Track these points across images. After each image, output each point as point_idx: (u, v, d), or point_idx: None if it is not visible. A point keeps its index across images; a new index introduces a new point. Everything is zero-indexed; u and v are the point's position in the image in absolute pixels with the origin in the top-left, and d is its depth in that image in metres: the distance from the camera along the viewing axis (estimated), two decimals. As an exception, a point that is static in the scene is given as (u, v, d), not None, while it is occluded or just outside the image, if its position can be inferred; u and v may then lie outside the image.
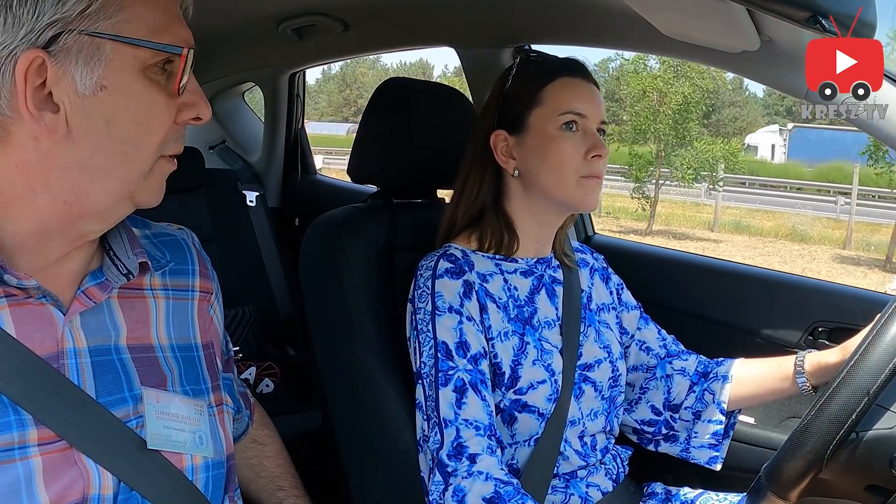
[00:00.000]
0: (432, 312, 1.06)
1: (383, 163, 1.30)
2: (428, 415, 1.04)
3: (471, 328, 1.06)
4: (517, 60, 1.16)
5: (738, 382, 1.18)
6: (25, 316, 0.69)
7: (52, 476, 0.66)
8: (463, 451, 0.99)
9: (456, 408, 1.01)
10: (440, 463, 1.00)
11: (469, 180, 1.15)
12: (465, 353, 1.04)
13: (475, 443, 1.00)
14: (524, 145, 1.12)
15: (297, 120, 2.57)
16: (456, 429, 1.00)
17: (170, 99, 0.69)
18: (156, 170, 0.71)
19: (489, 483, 0.97)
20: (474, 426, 1.01)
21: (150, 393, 0.75)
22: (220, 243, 2.21)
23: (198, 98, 0.72)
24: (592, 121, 1.10)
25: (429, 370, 1.04)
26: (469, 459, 0.99)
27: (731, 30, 0.99)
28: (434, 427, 1.02)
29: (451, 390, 1.02)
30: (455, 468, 0.99)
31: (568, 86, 1.11)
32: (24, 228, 0.68)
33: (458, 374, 1.03)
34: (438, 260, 1.10)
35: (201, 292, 0.86)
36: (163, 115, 0.69)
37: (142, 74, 0.67)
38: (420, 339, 1.07)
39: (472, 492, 0.96)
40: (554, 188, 1.10)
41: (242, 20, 1.93)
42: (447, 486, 0.98)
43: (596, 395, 1.15)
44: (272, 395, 1.99)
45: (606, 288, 1.27)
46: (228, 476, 0.82)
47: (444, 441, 1.00)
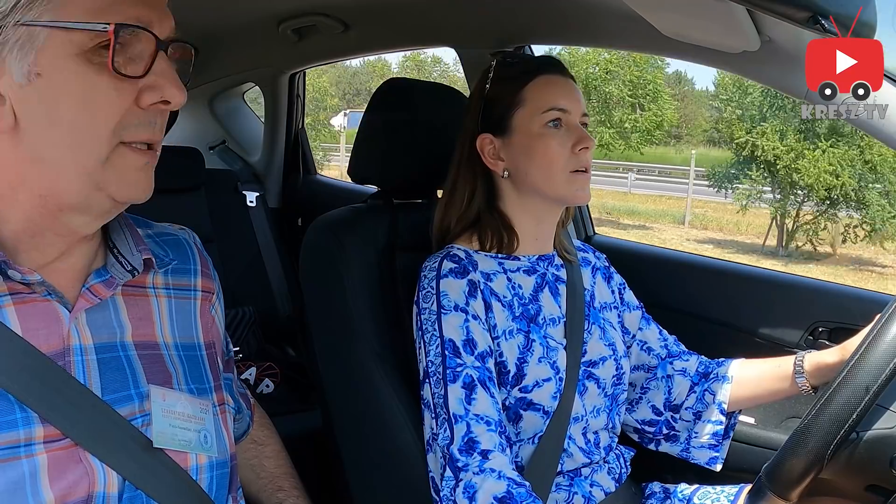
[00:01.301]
0: (438, 312, 1.07)
1: (383, 163, 1.30)
2: (436, 412, 1.03)
3: (477, 326, 1.06)
4: (493, 63, 1.17)
5: (738, 383, 1.18)
6: (31, 313, 0.69)
7: (57, 473, 0.66)
8: (475, 446, 0.99)
9: (466, 403, 1.01)
10: (451, 458, 0.99)
11: (458, 184, 1.16)
12: (472, 351, 1.05)
13: (486, 438, 1.00)
14: (511, 146, 1.13)
15: (298, 120, 2.57)
16: (466, 424, 1.00)
17: (119, 81, 0.65)
18: (116, 158, 0.67)
19: (502, 482, 0.96)
20: (485, 421, 1.01)
21: (157, 391, 0.75)
22: (220, 243, 2.21)
23: (164, 80, 0.67)
24: (575, 115, 1.12)
25: (436, 368, 1.04)
26: (481, 455, 0.99)
27: (731, 30, 0.99)
28: (443, 424, 1.02)
29: (459, 386, 1.02)
30: (466, 463, 0.98)
31: (547, 83, 1.12)
32: (17, 226, 0.68)
33: (466, 371, 1.03)
34: (442, 261, 1.10)
35: (203, 292, 0.86)
36: (109, 98, 0.66)
37: (81, 58, 0.64)
38: (426, 339, 1.07)
39: (484, 489, 0.96)
40: (545, 185, 1.12)
41: (242, 20, 1.93)
42: (458, 482, 0.98)
43: (599, 392, 1.16)
44: (272, 396, 1.99)
45: (608, 287, 1.28)
46: (231, 476, 0.82)
47: (455, 436, 1.00)
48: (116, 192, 0.69)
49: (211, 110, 2.70)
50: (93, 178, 0.67)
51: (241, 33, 2.04)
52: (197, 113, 2.72)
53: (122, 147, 0.67)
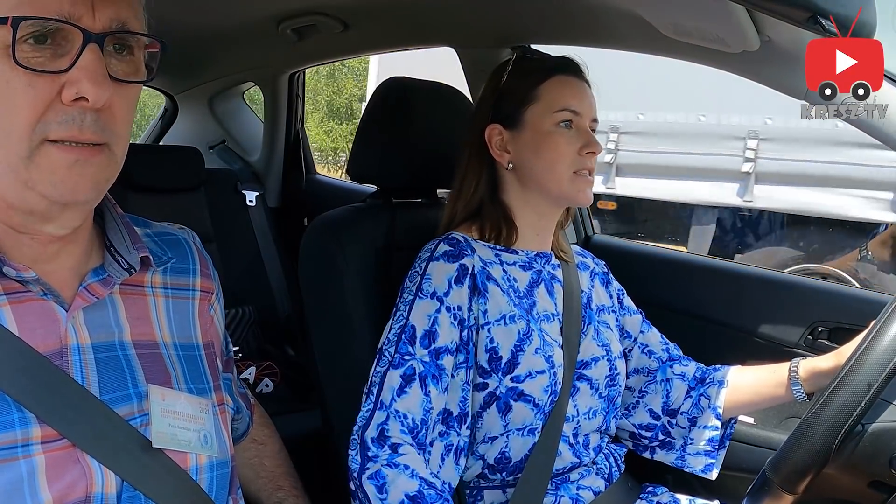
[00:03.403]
0: (415, 294, 1.07)
1: (382, 162, 1.30)
2: (369, 389, 1.03)
3: (445, 319, 1.05)
4: (514, 57, 1.18)
5: (734, 388, 1.18)
6: (27, 312, 0.69)
7: (54, 474, 0.66)
8: (386, 439, 0.99)
9: (396, 394, 1.01)
10: (363, 443, 0.99)
11: (468, 175, 1.17)
12: (429, 344, 1.04)
13: (398, 435, 0.99)
14: (519, 140, 1.14)
15: (297, 120, 2.57)
16: (387, 415, 1.00)
17: (33, 77, 0.64)
18: (40, 157, 0.65)
19: (414, 481, 0.95)
20: (403, 421, 1.00)
21: (157, 390, 0.74)
22: (219, 243, 2.21)
23: (83, 75, 0.64)
24: (585, 118, 1.13)
25: (387, 348, 1.04)
26: (391, 448, 0.98)
27: (731, 30, 0.99)
28: (368, 404, 1.01)
29: (399, 375, 1.02)
30: (376, 454, 0.97)
31: (563, 84, 1.13)
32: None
33: (412, 363, 1.03)
34: (439, 243, 1.11)
35: (202, 292, 0.86)
36: (25, 94, 0.64)
37: (2, 53, 0.63)
38: (395, 318, 1.07)
39: (396, 485, 0.95)
40: (548, 182, 1.13)
41: (242, 20, 1.93)
42: (364, 469, 0.97)
43: (592, 392, 1.15)
44: (272, 395, 1.99)
45: (606, 292, 1.28)
46: (231, 476, 0.82)
47: (371, 422, 1.00)
48: (46, 192, 0.66)
49: (211, 110, 2.70)
50: (20, 176, 0.65)
51: (241, 33, 2.04)
52: (197, 113, 2.72)
53: (46, 145, 0.65)
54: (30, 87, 0.64)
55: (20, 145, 0.64)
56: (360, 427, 1.00)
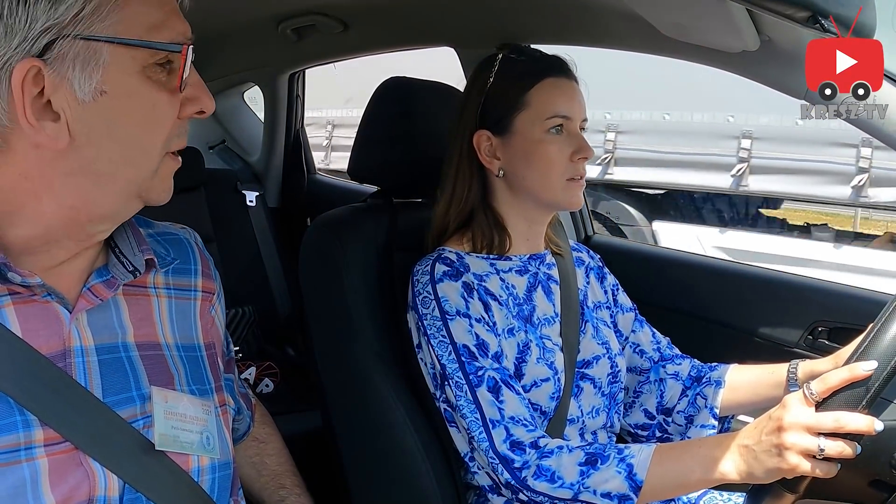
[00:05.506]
0: (443, 317, 1.06)
1: (383, 162, 1.30)
2: (463, 413, 1.02)
3: (482, 329, 1.05)
4: (499, 58, 1.14)
5: (731, 388, 1.18)
6: (30, 314, 0.68)
7: (57, 477, 0.66)
8: (521, 444, 0.99)
9: (498, 406, 1.01)
10: (504, 459, 0.98)
11: (458, 181, 1.15)
12: (486, 353, 1.04)
13: (528, 436, 0.99)
14: (509, 147, 1.12)
15: (297, 120, 2.57)
16: (504, 428, 1.00)
17: (171, 96, 0.68)
18: (162, 168, 0.70)
19: (576, 451, 0.96)
20: (521, 423, 1.00)
21: (159, 392, 0.74)
22: (219, 243, 2.21)
23: (199, 91, 0.71)
24: (576, 120, 1.11)
25: (454, 371, 1.03)
26: (532, 447, 0.98)
27: (731, 30, 0.99)
28: (479, 428, 1.01)
29: (486, 390, 1.01)
30: (525, 460, 0.97)
31: (553, 88, 1.11)
32: (30, 233, 0.68)
33: (488, 374, 1.02)
34: (434, 264, 1.09)
35: (203, 292, 0.86)
36: (166, 113, 0.68)
37: (142, 75, 0.65)
38: (433, 343, 1.06)
39: (563, 465, 0.95)
40: (540, 190, 1.11)
41: (242, 20, 1.93)
42: (523, 478, 0.97)
43: (595, 391, 1.15)
44: (272, 395, 1.99)
45: (601, 287, 1.27)
46: (233, 478, 0.82)
47: (495, 440, 0.99)
48: (155, 198, 0.71)
49: (210, 110, 2.69)
50: (139, 188, 0.69)
51: (241, 33, 2.04)
52: (197, 113, 2.71)
53: (166, 157, 0.70)
54: (170, 107, 0.68)
55: (153, 162, 0.69)
56: (489, 448, 0.99)
